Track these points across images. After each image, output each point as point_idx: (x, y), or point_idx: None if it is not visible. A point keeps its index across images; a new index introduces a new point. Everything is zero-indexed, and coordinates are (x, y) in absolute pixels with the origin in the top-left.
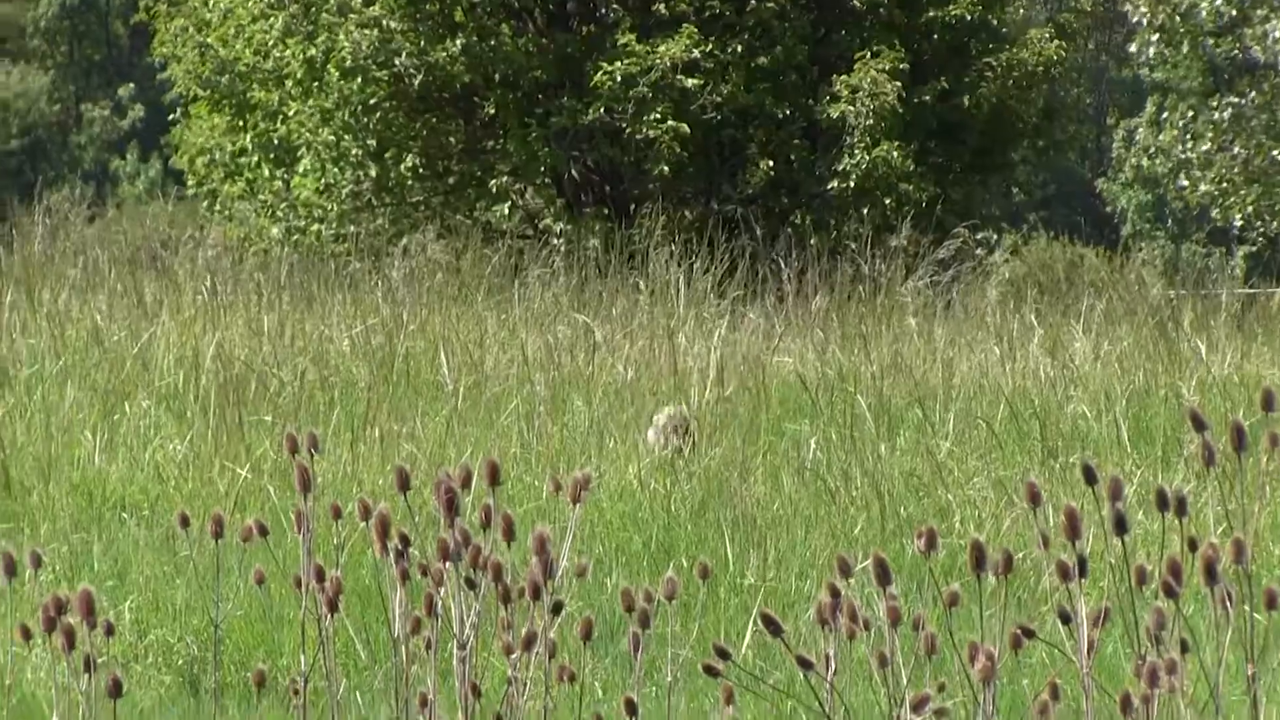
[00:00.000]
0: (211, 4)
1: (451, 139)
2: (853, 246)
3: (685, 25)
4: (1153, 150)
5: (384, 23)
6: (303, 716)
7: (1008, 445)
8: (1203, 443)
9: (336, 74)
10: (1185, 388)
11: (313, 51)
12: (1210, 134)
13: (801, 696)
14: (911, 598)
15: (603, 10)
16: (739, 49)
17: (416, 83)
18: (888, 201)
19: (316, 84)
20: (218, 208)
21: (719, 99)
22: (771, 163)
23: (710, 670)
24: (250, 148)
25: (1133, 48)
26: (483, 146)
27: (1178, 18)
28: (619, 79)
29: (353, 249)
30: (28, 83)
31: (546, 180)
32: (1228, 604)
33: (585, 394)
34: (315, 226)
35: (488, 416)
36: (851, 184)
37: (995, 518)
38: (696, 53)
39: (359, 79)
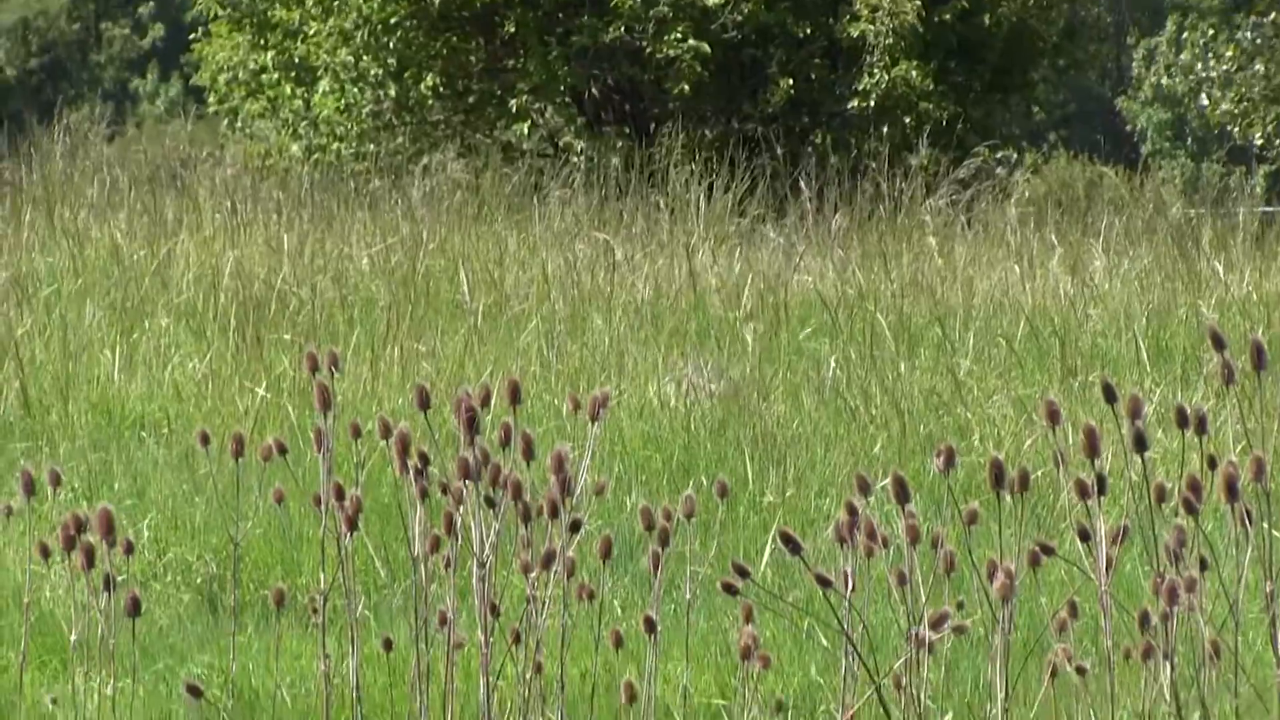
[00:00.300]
0: None
1: (471, 58)
2: (873, 165)
3: None
4: (1173, 69)
5: None
6: (321, 635)
7: (1027, 364)
8: (1222, 361)
9: None
10: (1204, 306)
11: None
12: (1231, 53)
13: (820, 614)
14: (930, 516)
15: None
16: None
17: (437, 1)
18: (908, 120)
19: (337, 2)
20: (238, 125)
21: (739, 18)
22: (791, 82)
23: (729, 588)
24: (271, 66)
25: None
26: (503, 65)
27: None
28: None
29: (373, 168)
30: (47, 1)
31: (566, 99)
32: (1247, 522)
33: (605, 312)
34: (335, 145)
35: (507, 335)
36: (871, 103)
37: (1014, 436)
38: None
39: None
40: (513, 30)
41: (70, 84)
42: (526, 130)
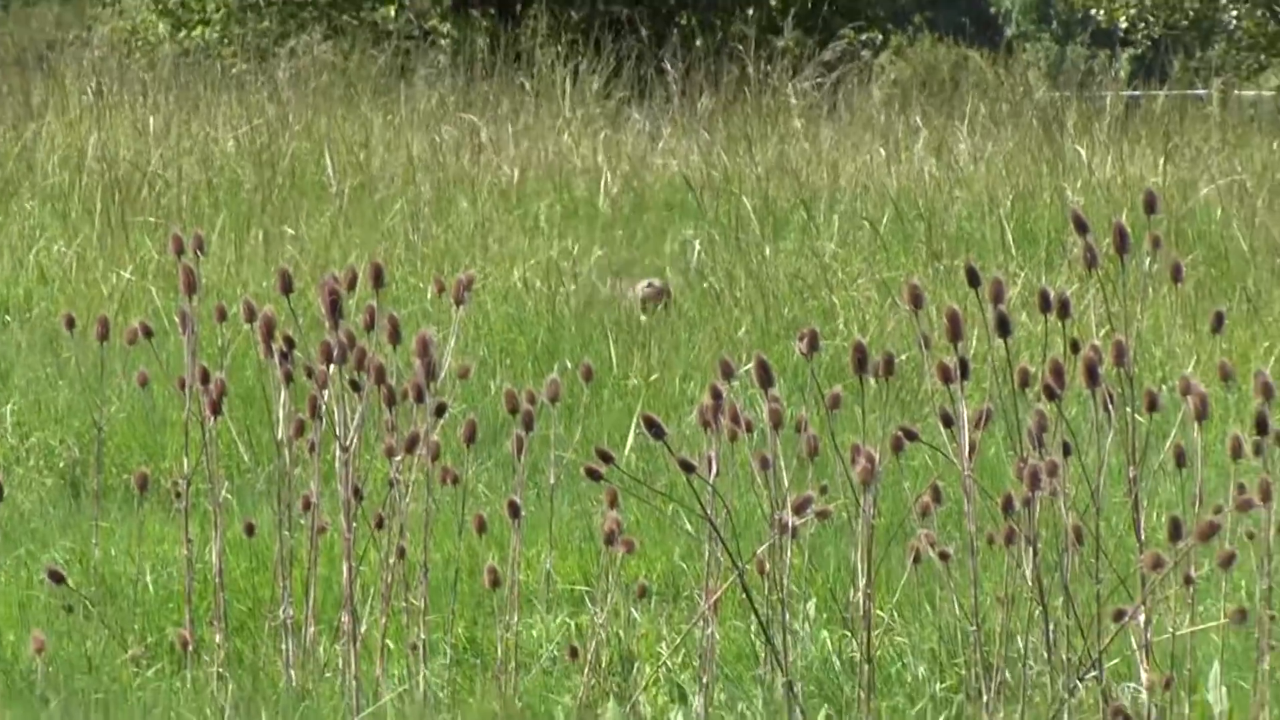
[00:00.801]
0: None
1: None
2: (738, 48)
3: None
4: None
5: None
6: (184, 519)
7: (892, 247)
8: (1085, 245)
9: None
10: (1069, 190)
11: None
12: None
13: (683, 499)
14: (794, 400)
15: None
16: None
17: None
18: (773, 3)
19: None
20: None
21: None
22: None
23: (592, 473)
24: None
25: None
26: None
27: None
28: None
29: (239, 50)
30: None
31: None
32: (1109, 406)
33: (471, 195)
34: (200, 28)
35: (373, 218)
36: None
37: (879, 320)
38: None
39: None
40: None
41: None
42: (393, 12)
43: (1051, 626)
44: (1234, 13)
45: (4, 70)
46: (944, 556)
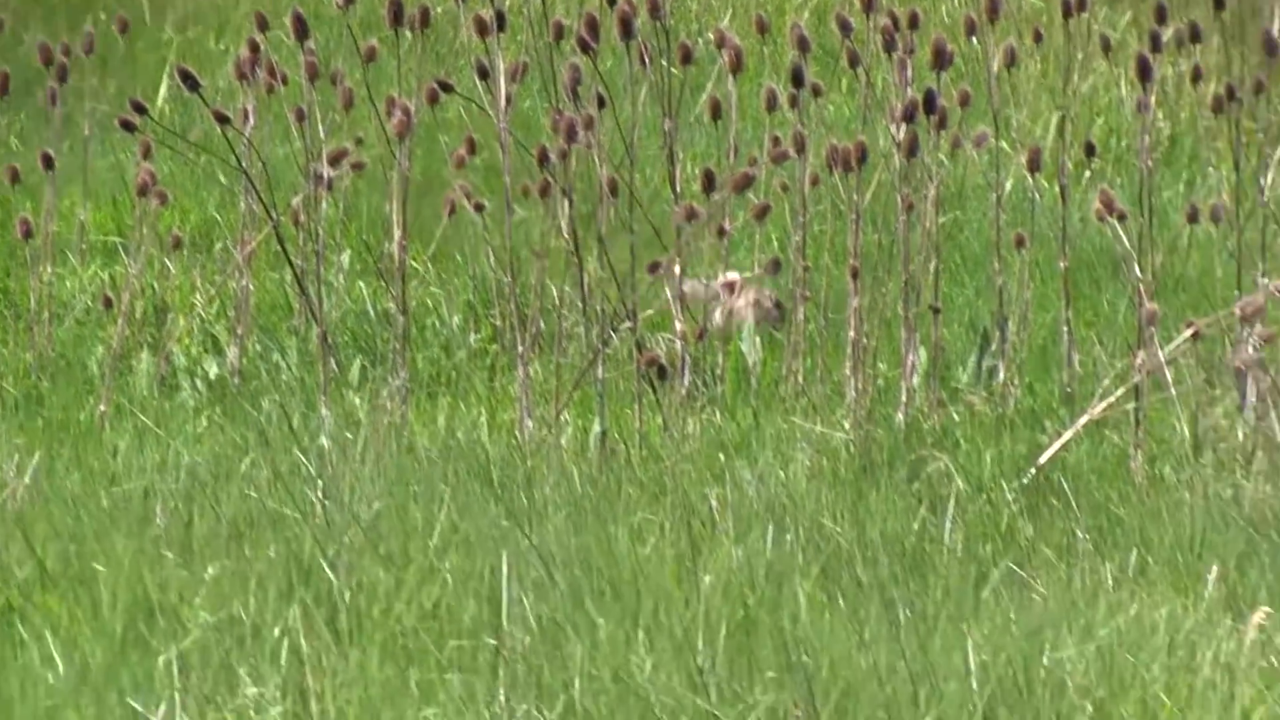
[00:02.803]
0: None
1: None
2: None
3: None
4: None
5: None
6: None
7: None
8: None
9: None
10: None
11: None
12: None
13: (218, 151)
14: (331, 52)
15: None
16: None
17: None
18: None
19: None
20: None
21: None
22: None
23: (126, 125)
24: None
25: None
26: None
27: None
28: None
29: None
30: None
31: None
32: (645, 59)
33: None
34: None
35: None
36: None
37: None
38: None
39: None
40: None
41: None
42: None
43: (586, 278)
44: None
45: None
46: (479, 208)
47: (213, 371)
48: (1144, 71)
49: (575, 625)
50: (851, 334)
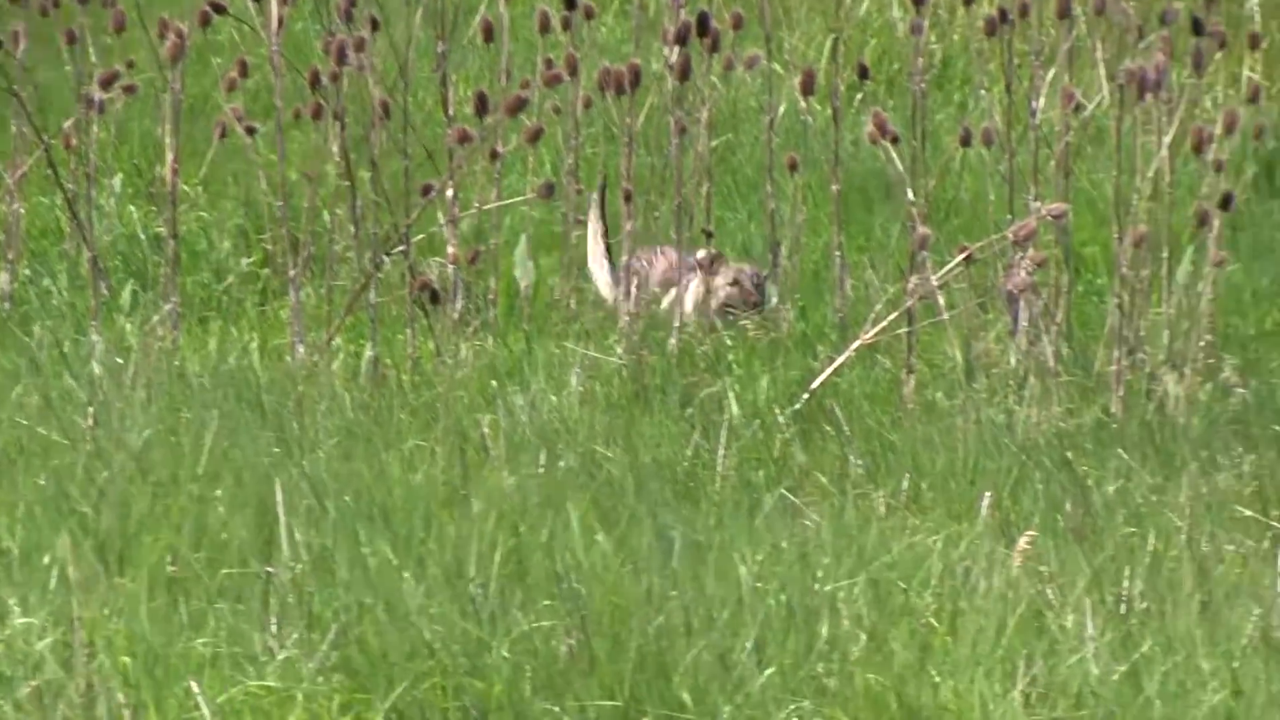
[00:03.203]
0: None
1: None
2: None
3: None
4: None
5: None
6: None
7: None
8: None
9: None
10: None
11: None
12: None
13: None
14: None
15: None
16: None
17: None
18: None
19: None
20: None
21: None
22: None
23: None
24: None
25: None
26: None
27: None
28: None
29: None
30: None
31: None
32: None
33: None
34: None
35: None
36: None
37: None
38: None
39: None
40: None
41: None
42: None
43: (359, 202)
44: None
45: None
46: (250, 131)
47: None
48: None
49: (346, 553)
50: (625, 258)
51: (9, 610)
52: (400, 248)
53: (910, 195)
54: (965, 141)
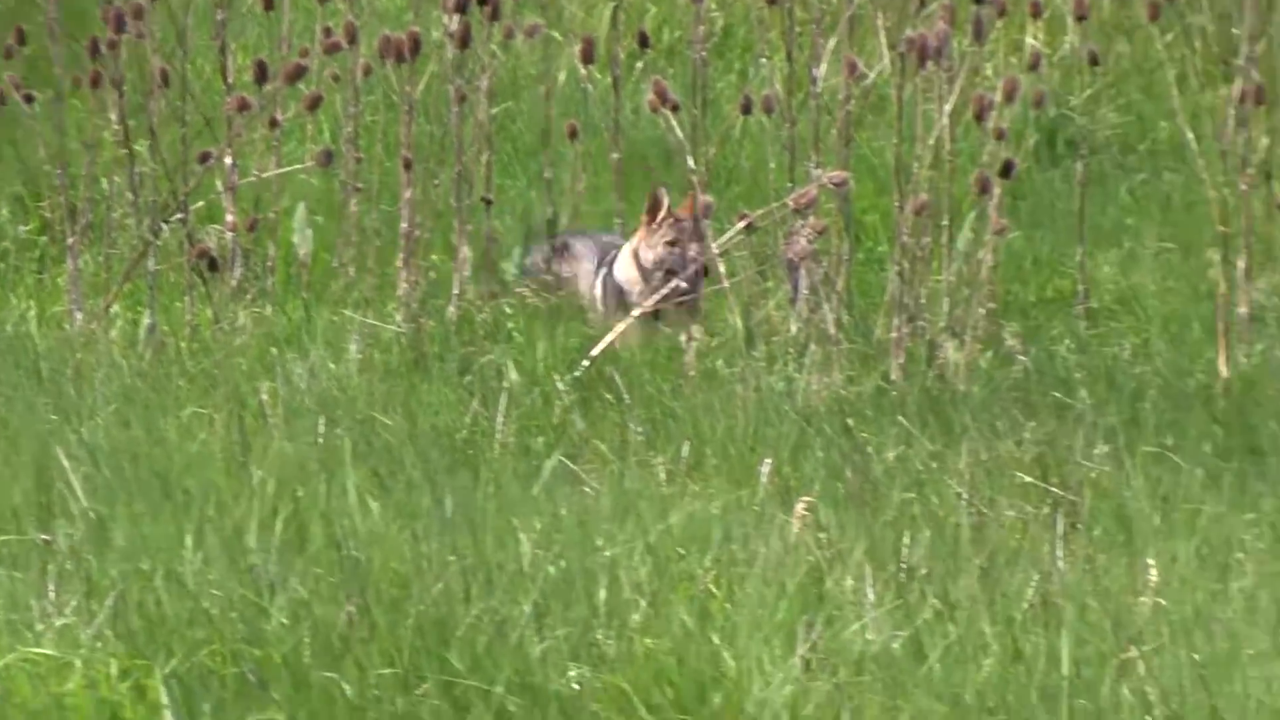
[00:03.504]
0: None
1: None
2: None
3: None
4: None
5: None
6: None
7: None
8: None
9: None
10: None
11: None
12: None
13: None
14: None
15: None
16: None
17: None
18: None
19: None
20: None
21: None
22: None
23: None
24: None
25: None
26: None
27: None
28: None
29: None
30: None
31: None
32: None
33: None
34: None
35: None
36: None
37: None
38: None
39: None
40: None
41: None
42: None
43: (137, 169)
44: None
45: None
46: (29, 99)
47: None
48: None
49: (125, 520)
50: (404, 225)
51: None
52: (179, 215)
53: (691, 163)
54: (746, 109)
